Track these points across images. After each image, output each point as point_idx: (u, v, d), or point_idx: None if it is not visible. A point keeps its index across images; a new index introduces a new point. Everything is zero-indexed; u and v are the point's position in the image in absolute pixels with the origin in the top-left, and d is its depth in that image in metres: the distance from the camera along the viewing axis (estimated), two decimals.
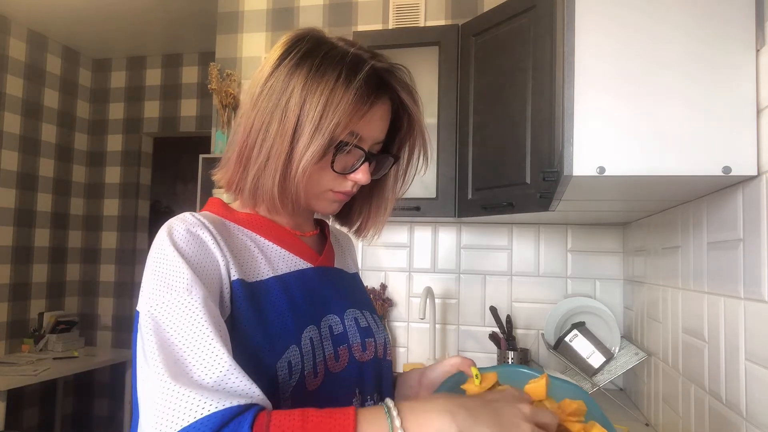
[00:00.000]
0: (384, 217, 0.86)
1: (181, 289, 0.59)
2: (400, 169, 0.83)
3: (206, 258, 0.65)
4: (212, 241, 0.67)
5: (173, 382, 0.52)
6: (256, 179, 0.70)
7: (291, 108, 0.68)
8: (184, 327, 0.57)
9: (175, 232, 0.65)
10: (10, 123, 3.49)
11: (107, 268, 4.00)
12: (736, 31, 0.93)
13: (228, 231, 0.72)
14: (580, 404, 0.69)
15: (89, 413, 3.98)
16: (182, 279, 0.60)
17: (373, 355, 0.79)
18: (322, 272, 0.79)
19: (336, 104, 0.67)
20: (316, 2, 2.52)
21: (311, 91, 0.68)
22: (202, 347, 0.55)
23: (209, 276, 0.64)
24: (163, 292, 0.59)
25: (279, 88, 0.70)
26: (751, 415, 0.94)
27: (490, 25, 1.83)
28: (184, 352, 0.55)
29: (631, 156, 0.95)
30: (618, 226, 2.14)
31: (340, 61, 0.70)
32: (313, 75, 0.69)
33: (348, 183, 0.74)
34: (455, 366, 0.78)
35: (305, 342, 0.68)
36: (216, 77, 2.50)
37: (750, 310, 0.94)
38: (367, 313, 0.83)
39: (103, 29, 3.63)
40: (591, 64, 0.96)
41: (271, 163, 0.69)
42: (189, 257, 0.63)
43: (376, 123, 0.73)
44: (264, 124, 0.69)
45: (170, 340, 0.56)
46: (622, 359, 1.87)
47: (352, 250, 0.97)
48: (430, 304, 2.14)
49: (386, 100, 0.75)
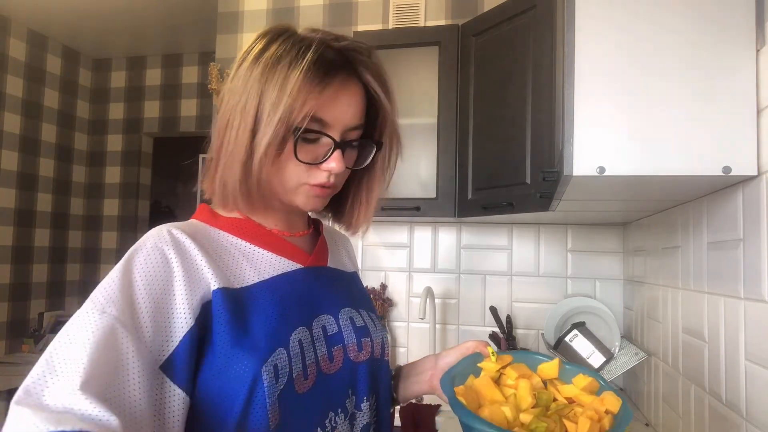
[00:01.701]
0: (371, 208, 0.82)
1: (96, 308, 0.58)
2: (384, 157, 0.80)
3: (164, 282, 0.63)
4: (180, 260, 0.65)
5: (22, 401, 0.52)
6: (221, 178, 0.69)
7: (250, 101, 0.67)
8: (75, 346, 0.55)
9: (138, 250, 0.64)
10: (10, 123, 3.49)
11: (107, 268, 3.99)
12: (736, 31, 0.93)
13: (210, 239, 0.71)
14: (592, 381, 0.71)
15: None
16: (109, 299, 0.59)
17: (370, 355, 0.78)
18: (313, 272, 0.77)
19: (290, 87, 0.65)
20: (316, 2, 2.52)
21: (268, 81, 0.66)
22: (72, 362, 0.54)
23: (160, 299, 0.61)
24: (89, 303, 0.59)
25: (240, 85, 0.68)
26: (751, 415, 0.94)
27: (490, 25, 1.83)
28: (58, 366, 0.54)
29: (631, 156, 0.95)
30: (618, 226, 2.14)
31: (293, 47, 0.68)
32: (271, 65, 0.67)
33: (322, 174, 0.70)
34: (470, 349, 0.81)
35: (293, 344, 0.67)
36: (216, 77, 2.50)
37: (750, 310, 0.94)
38: (364, 312, 0.82)
39: (103, 29, 3.64)
40: (591, 63, 0.96)
41: (232, 158, 0.67)
42: (138, 280, 0.61)
43: (340, 107, 0.69)
44: (228, 122, 0.68)
45: (59, 352, 0.55)
46: (622, 359, 1.87)
47: (350, 249, 0.95)
48: (430, 304, 2.14)
49: (349, 82, 0.71)
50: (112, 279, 0.61)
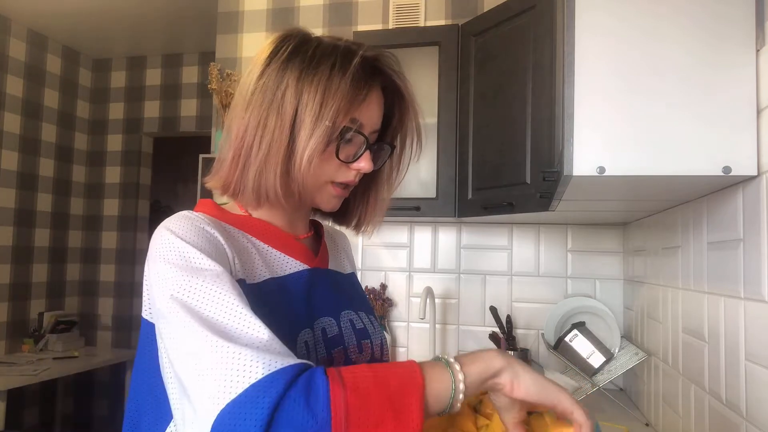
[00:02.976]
0: (382, 209, 0.85)
1: (206, 275, 0.58)
2: (394, 160, 0.83)
3: (218, 250, 0.65)
4: (220, 236, 0.67)
5: (230, 344, 0.51)
6: (257, 177, 0.69)
7: (288, 101, 0.68)
8: (217, 305, 0.55)
9: (181, 228, 0.64)
10: (10, 123, 3.49)
11: (107, 268, 4.00)
12: (736, 31, 0.93)
13: (225, 231, 0.71)
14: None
15: (89, 413, 3.98)
16: (204, 266, 0.59)
17: (370, 357, 0.79)
18: (317, 274, 0.78)
19: (334, 91, 0.67)
20: (316, 2, 2.52)
21: (307, 82, 0.68)
22: (241, 320, 0.54)
23: (225, 267, 0.63)
24: (187, 278, 0.58)
25: (272, 84, 0.69)
26: (751, 415, 0.94)
27: (490, 25, 1.83)
28: (226, 322, 0.54)
29: (631, 156, 0.95)
30: (618, 226, 2.14)
31: (333, 51, 0.70)
32: (307, 67, 0.69)
33: (351, 173, 0.74)
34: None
35: (300, 346, 0.67)
36: (216, 77, 2.50)
37: (750, 310, 0.94)
38: (363, 314, 0.83)
39: (103, 29, 3.64)
40: (591, 64, 0.96)
41: (271, 158, 0.68)
42: (203, 248, 0.62)
43: (373, 110, 0.73)
44: (261, 121, 0.69)
45: (206, 314, 0.55)
46: (622, 359, 1.87)
47: (348, 249, 0.96)
48: (430, 304, 2.14)
49: (379, 88, 0.75)
50: (182, 255, 0.61)
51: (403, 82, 0.77)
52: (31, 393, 3.63)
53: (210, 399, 0.48)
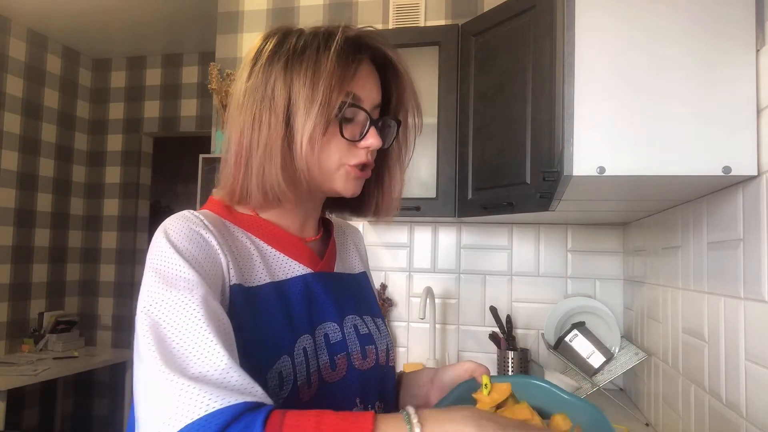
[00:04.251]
0: (399, 191, 0.84)
1: (180, 287, 0.58)
2: (400, 137, 0.81)
3: (208, 257, 0.64)
4: (215, 240, 0.66)
5: (175, 375, 0.50)
6: (260, 174, 0.68)
7: (278, 93, 0.68)
8: (181, 324, 0.55)
9: (175, 230, 0.64)
10: (10, 123, 3.49)
11: (107, 268, 4.00)
12: (736, 31, 0.93)
13: (228, 232, 0.70)
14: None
15: (89, 413, 3.98)
16: (182, 277, 0.59)
17: (375, 363, 0.77)
18: (321, 278, 0.77)
19: (323, 70, 0.67)
20: (316, 2, 2.52)
21: (295, 70, 0.68)
22: (200, 344, 0.53)
23: (212, 275, 0.62)
24: (162, 290, 0.58)
25: (261, 82, 0.69)
26: (751, 415, 0.94)
27: (490, 25, 1.83)
28: (183, 348, 0.53)
29: (631, 156, 0.95)
30: (618, 226, 2.14)
31: (314, 38, 0.70)
32: (292, 56, 0.69)
33: (361, 152, 0.72)
34: (468, 371, 0.76)
35: (298, 352, 0.67)
36: (216, 77, 2.50)
37: (750, 310, 0.94)
38: (368, 318, 0.81)
39: (103, 29, 3.63)
40: (591, 63, 0.96)
41: (271, 151, 0.68)
42: (189, 255, 0.62)
43: (368, 83, 0.73)
44: (255, 118, 0.69)
45: (167, 336, 0.54)
46: (622, 359, 1.87)
47: (360, 244, 0.94)
48: (430, 304, 2.14)
49: (369, 62, 0.74)
50: (166, 262, 0.61)
51: (393, 53, 0.76)
52: (31, 393, 3.63)
53: (154, 428, 0.49)
